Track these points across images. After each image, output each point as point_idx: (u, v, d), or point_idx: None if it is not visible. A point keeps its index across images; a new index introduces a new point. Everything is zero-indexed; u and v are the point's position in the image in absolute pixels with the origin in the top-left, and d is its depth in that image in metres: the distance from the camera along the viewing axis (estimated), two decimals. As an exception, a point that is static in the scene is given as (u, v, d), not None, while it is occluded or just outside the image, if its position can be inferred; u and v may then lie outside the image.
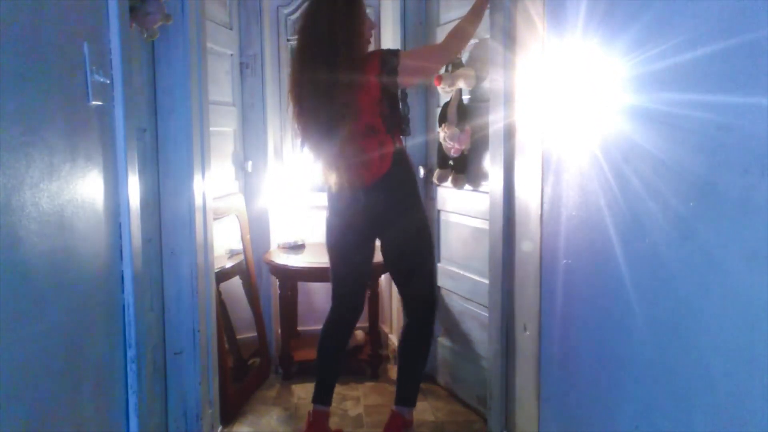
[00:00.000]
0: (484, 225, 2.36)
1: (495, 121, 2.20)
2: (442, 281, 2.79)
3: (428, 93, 2.81)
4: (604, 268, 1.44)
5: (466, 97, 2.50)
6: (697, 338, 1.12)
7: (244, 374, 2.78)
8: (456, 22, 2.52)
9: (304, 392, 2.79)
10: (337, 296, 2.36)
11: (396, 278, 2.37)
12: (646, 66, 1.26)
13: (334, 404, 2.57)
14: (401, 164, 2.18)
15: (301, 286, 3.19)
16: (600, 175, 1.48)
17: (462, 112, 2.46)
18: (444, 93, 2.56)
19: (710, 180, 1.07)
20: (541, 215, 1.85)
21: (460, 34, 2.21)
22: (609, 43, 1.41)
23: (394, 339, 3.15)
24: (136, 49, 1.79)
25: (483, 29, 2.34)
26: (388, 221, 2.18)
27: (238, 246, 2.90)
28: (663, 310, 1.22)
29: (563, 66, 1.68)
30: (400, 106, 2.24)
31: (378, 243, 2.30)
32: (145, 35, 1.76)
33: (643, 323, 1.29)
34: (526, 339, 2.05)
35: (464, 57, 2.47)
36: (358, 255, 2.27)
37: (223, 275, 2.66)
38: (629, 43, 1.32)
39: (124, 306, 1.34)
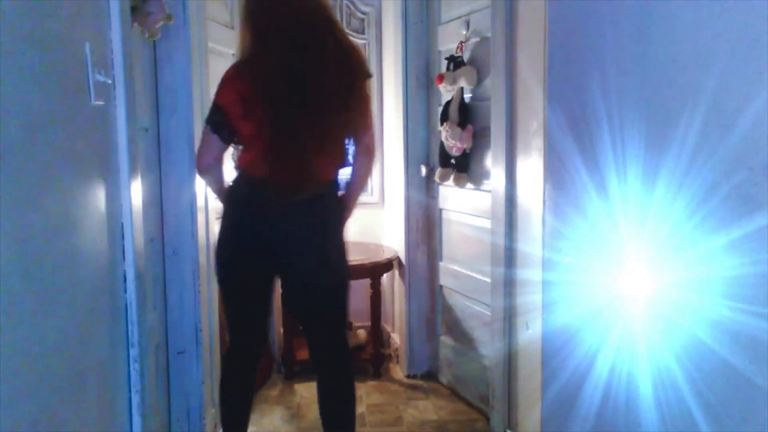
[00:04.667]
0: (485, 224, 2.36)
1: (496, 119, 2.20)
2: (443, 280, 2.80)
3: (430, 92, 2.81)
4: (607, 265, 1.44)
5: (467, 96, 2.50)
6: (700, 335, 1.12)
7: (246, 373, 2.78)
8: (456, 22, 2.53)
9: (306, 391, 2.79)
10: (241, 324, 1.93)
11: (303, 315, 1.95)
12: (652, 62, 1.26)
13: (336, 403, 2.57)
14: (337, 186, 1.88)
15: (303, 285, 3.19)
16: (602, 174, 1.48)
17: (463, 111, 2.46)
18: (445, 92, 2.56)
19: (713, 178, 1.07)
20: (543, 213, 1.85)
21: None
22: (610, 40, 1.41)
23: (396, 338, 3.15)
24: (137, 49, 1.79)
25: (485, 28, 2.34)
26: (310, 238, 1.80)
27: (240, 245, 2.89)
28: (666, 307, 1.22)
29: (564, 63, 1.68)
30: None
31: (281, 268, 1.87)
32: (147, 35, 1.76)
33: (645, 321, 1.29)
34: (528, 337, 2.05)
35: (465, 56, 2.47)
36: (270, 266, 1.86)
37: (225, 275, 2.66)
38: (631, 40, 1.32)
39: (126, 306, 1.34)
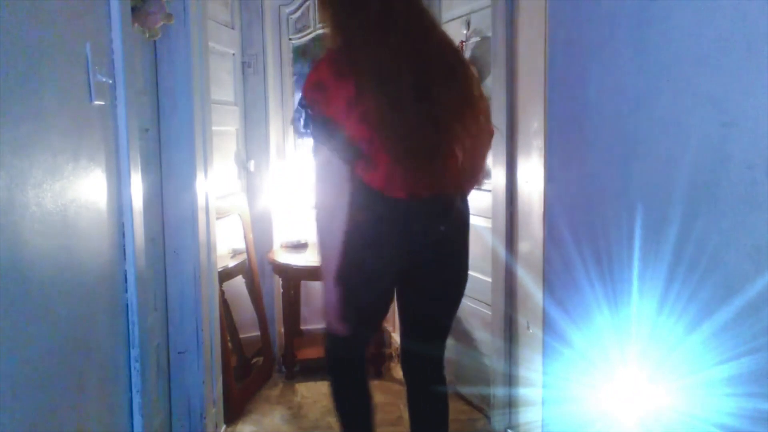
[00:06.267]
0: (486, 223, 2.36)
1: (497, 119, 2.20)
2: (444, 280, 2.79)
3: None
4: (607, 265, 1.44)
5: (468, 96, 2.49)
6: (701, 333, 1.12)
7: (247, 373, 2.78)
8: (456, 21, 2.53)
9: (307, 391, 2.79)
10: (362, 336, 1.80)
11: (418, 322, 1.80)
12: (652, 61, 1.26)
13: (337, 403, 2.57)
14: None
15: (304, 285, 3.20)
16: (603, 173, 1.48)
17: (464, 111, 2.46)
18: (446, 91, 2.55)
19: (714, 177, 1.07)
20: (544, 213, 1.85)
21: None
22: (610, 40, 1.41)
23: (396, 337, 3.15)
24: (138, 49, 1.79)
25: (485, 27, 2.34)
26: (447, 253, 1.65)
27: (240, 245, 2.90)
28: (666, 307, 1.22)
29: (565, 63, 1.68)
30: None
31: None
32: (147, 35, 1.76)
33: (645, 321, 1.29)
34: (529, 336, 2.05)
35: (466, 55, 2.47)
36: (398, 281, 1.70)
37: (226, 275, 2.66)
38: (631, 40, 1.32)
39: (127, 305, 1.34)
